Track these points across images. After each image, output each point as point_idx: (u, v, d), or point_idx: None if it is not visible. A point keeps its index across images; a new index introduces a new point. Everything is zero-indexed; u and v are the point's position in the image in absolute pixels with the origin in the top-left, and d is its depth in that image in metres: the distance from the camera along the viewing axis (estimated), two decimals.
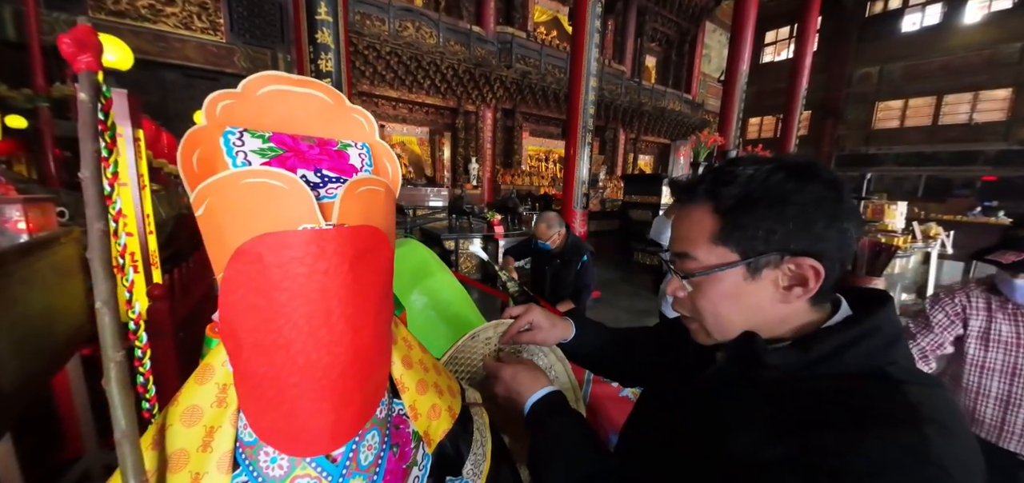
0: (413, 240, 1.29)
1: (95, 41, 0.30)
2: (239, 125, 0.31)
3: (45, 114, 3.02)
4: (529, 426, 0.58)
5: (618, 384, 1.20)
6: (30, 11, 3.16)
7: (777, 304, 0.45)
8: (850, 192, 0.44)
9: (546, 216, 2.44)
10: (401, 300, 1.09)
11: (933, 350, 1.26)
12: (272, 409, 0.32)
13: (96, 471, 1.68)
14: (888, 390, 0.40)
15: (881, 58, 13.20)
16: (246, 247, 0.28)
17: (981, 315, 1.18)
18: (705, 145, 7.59)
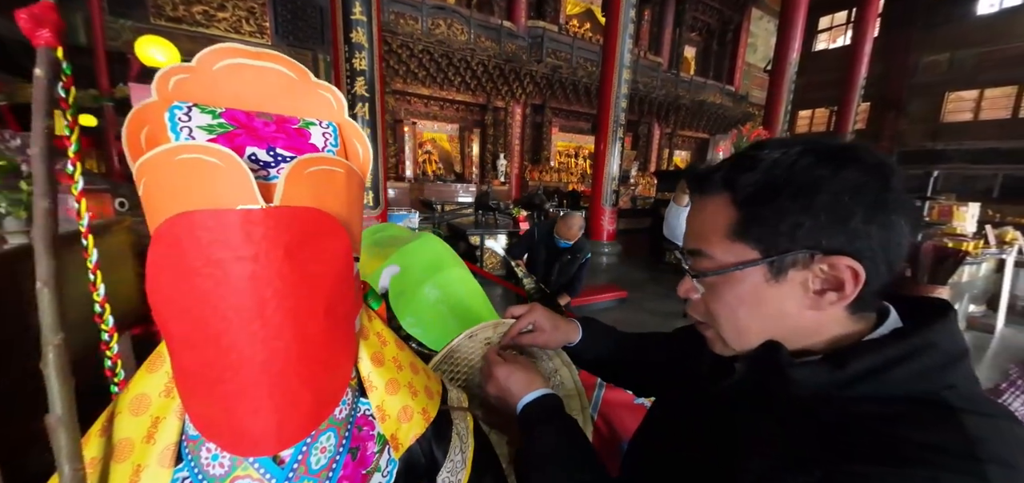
0: (429, 233, 1.29)
1: (54, 18, 0.30)
2: (191, 100, 0.29)
3: (109, 113, 3.33)
4: (520, 427, 0.55)
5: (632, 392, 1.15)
6: (95, 18, 3.47)
7: (806, 311, 0.39)
8: (900, 179, 0.36)
9: (572, 220, 2.50)
10: (414, 292, 1.10)
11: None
12: (207, 405, 0.30)
13: None
14: (942, 419, 0.33)
15: (952, 44, 11.91)
16: (162, 229, 0.26)
17: None
18: (748, 139, 7.20)
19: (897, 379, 0.35)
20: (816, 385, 0.37)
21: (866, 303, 0.39)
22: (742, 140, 7.02)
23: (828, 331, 0.39)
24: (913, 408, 0.34)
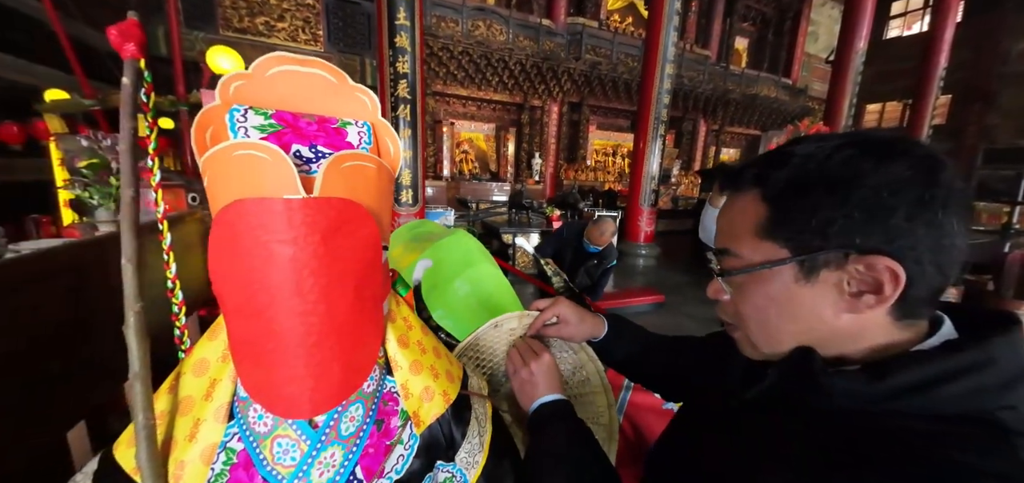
0: (461, 230, 1.33)
1: (139, 34, 0.35)
2: (248, 103, 0.34)
3: (185, 117, 3.69)
4: (529, 428, 0.55)
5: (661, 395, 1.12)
6: (174, 31, 3.87)
7: (843, 314, 0.35)
8: (953, 175, 0.33)
9: (604, 226, 2.47)
10: (446, 286, 1.13)
11: None
12: (254, 370, 0.35)
13: None
14: (994, 441, 0.30)
15: None
16: (221, 215, 0.31)
17: None
18: (805, 135, 6.66)
19: (946, 396, 0.32)
20: (851, 396, 0.34)
21: (913, 309, 0.35)
22: (799, 136, 6.53)
23: (869, 338, 0.36)
24: (960, 427, 0.31)
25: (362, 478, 0.41)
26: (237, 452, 0.39)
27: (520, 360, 0.61)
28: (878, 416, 0.33)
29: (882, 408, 0.33)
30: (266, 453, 0.38)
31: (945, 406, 0.32)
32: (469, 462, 0.49)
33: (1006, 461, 0.28)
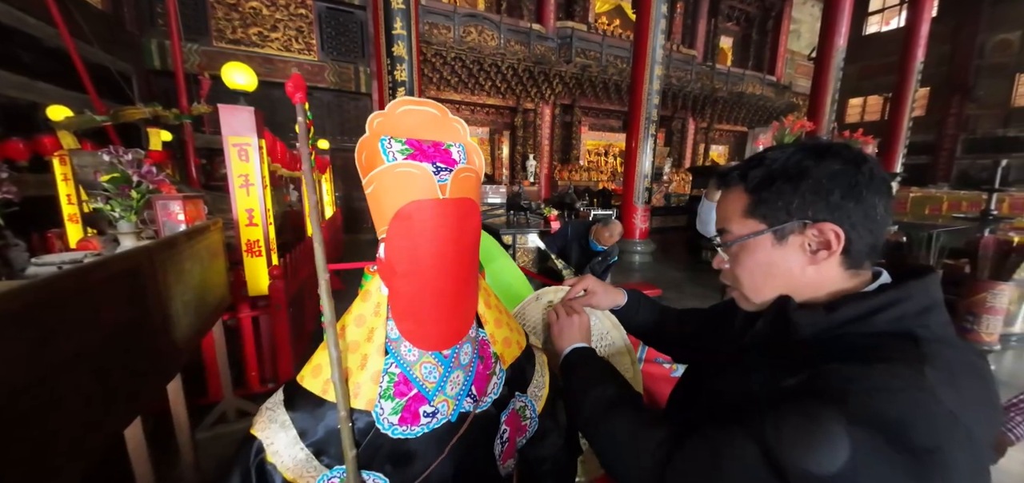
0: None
1: (303, 85, 0.47)
2: (386, 134, 0.47)
3: (188, 129, 3.75)
4: (562, 368, 0.68)
5: (670, 364, 1.23)
6: (175, 47, 3.92)
7: (807, 268, 0.49)
8: (873, 167, 0.47)
9: (614, 227, 2.61)
10: None
11: None
12: (410, 316, 0.50)
13: (231, 413, 2.11)
14: (907, 344, 0.43)
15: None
16: (403, 210, 0.44)
17: None
18: (790, 131, 6.80)
19: (879, 320, 0.45)
20: (814, 325, 0.47)
21: (856, 262, 0.49)
22: (784, 132, 6.69)
23: (828, 286, 0.50)
24: (888, 339, 0.44)
25: (475, 393, 0.56)
26: (396, 375, 0.52)
27: (556, 315, 0.76)
28: (833, 337, 0.46)
29: (836, 332, 0.46)
30: (416, 373, 0.52)
31: (879, 327, 0.45)
32: (536, 394, 0.65)
33: (912, 352, 0.42)
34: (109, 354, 0.92)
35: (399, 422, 0.52)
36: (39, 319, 0.72)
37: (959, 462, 0.36)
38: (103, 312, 0.92)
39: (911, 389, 0.38)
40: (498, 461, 0.60)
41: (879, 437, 0.36)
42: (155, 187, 2.06)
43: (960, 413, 0.38)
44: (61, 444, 0.74)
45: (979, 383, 0.43)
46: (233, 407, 2.11)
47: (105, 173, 1.99)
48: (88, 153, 2.52)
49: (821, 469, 0.36)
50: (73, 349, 0.79)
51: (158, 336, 1.17)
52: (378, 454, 0.52)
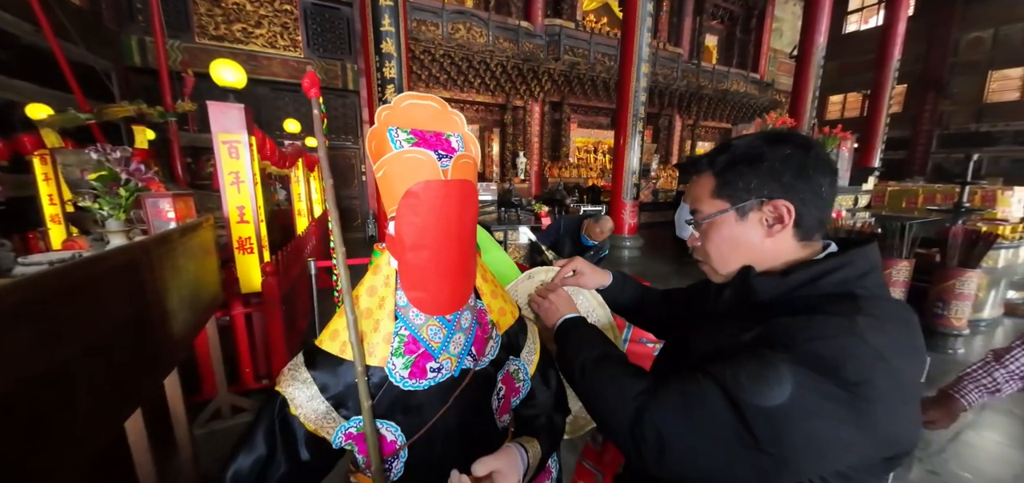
0: None
1: (317, 80, 0.51)
2: (393, 125, 0.51)
3: (173, 127, 3.69)
4: (556, 337, 0.74)
5: (654, 344, 1.30)
6: (159, 45, 3.85)
7: (765, 240, 0.57)
8: (819, 151, 0.55)
9: (605, 223, 2.68)
10: None
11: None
12: (419, 286, 0.55)
13: (226, 409, 2.11)
14: (846, 300, 0.50)
15: (996, 19, 11.20)
16: (412, 190, 0.50)
17: None
18: (772, 127, 6.93)
19: (827, 284, 0.52)
20: (771, 290, 0.55)
21: (807, 234, 0.56)
22: (766, 129, 6.85)
23: (784, 256, 0.58)
24: (832, 298, 0.51)
25: (474, 353, 0.63)
26: (405, 336, 0.59)
27: (541, 295, 0.82)
28: (787, 299, 0.53)
29: (790, 295, 0.54)
30: (423, 334, 0.58)
31: (825, 289, 0.52)
32: (528, 359, 0.72)
33: (850, 306, 0.49)
34: (110, 347, 0.94)
35: (409, 376, 0.58)
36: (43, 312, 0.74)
37: (883, 392, 0.44)
38: (104, 305, 0.94)
39: (843, 334, 0.45)
40: (495, 414, 0.66)
41: (816, 374, 0.43)
42: (144, 185, 2.05)
43: (886, 353, 0.44)
44: (64, 435, 0.76)
45: (906, 330, 0.50)
46: (227, 403, 2.11)
47: (93, 171, 1.97)
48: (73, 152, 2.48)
49: (769, 402, 0.44)
50: (76, 342, 0.81)
51: (156, 330, 1.19)
52: (391, 404, 0.58)
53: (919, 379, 0.51)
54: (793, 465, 0.45)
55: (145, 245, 1.17)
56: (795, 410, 0.43)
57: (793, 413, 0.43)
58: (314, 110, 0.51)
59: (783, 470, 0.46)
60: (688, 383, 0.51)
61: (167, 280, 1.29)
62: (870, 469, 0.49)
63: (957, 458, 2.10)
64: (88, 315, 0.86)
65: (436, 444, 0.60)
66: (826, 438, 0.44)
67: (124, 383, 0.98)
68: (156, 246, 1.23)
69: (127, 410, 1.03)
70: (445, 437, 0.60)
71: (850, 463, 0.47)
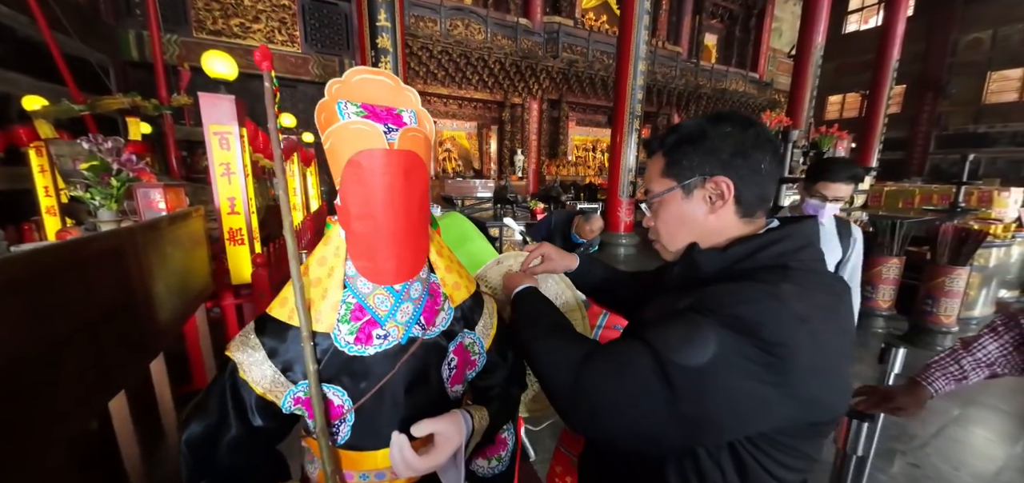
0: (457, 213, 1.50)
1: (270, 55, 0.52)
2: (343, 98, 0.52)
3: (168, 120, 3.69)
4: (512, 306, 0.78)
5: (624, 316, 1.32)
6: (154, 37, 3.85)
7: (709, 217, 0.59)
8: (759, 129, 0.56)
9: (594, 222, 2.69)
10: None
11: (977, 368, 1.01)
12: (366, 255, 0.56)
13: None
14: (777, 270, 0.52)
15: (995, 20, 11.20)
16: (354, 158, 0.50)
17: None
18: (768, 127, 6.87)
19: (764, 257, 0.54)
20: (711, 263, 0.57)
21: (749, 211, 0.58)
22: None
23: (727, 232, 0.59)
24: (767, 269, 0.53)
25: (423, 323, 0.64)
26: (352, 304, 0.60)
27: (507, 275, 0.86)
28: (727, 272, 0.56)
29: (730, 268, 0.56)
30: (370, 302, 0.59)
31: (763, 262, 0.54)
32: (484, 333, 0.73)
33: (779, 275, 0.51)
34: (94, 327, 0.96)
35: (354, 342, 0.60)
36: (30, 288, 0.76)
37: (802, 355, 0.45)
38: (88, 287, 0.95)
39: (766, 298, 0.47)
40: (446, 384, 0.68)
41: (738, 334, 0.45)
42: (135, 175, 2.06)
43: (807, 318, 0.46)
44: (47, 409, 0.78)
45: (833, 301, 0.53)
46: None
47: (85, 161, 1.99)
48: (66, 142, 2.49)
49: (692, 361, 0.46)
50: (60, 320, 0.83)
51: (141, 314, 1.21)
52: (337, 369, 0.59)
53: (844, 349, 0.52)
54: (716, 423, 0.47)
55: (131, 231, 1.19)
56: (716, 369, 0.45)
57: (714, 371, 0.45)
58: (265, 83, 0.52)
59: (707, 428, 0.48)
60: (622, 348, 0.53)
61: (153, 267, 1.31)
62: (797, 434, 0.51)
63: (939, 452, 2.12)
64: (72, 295, 0.88)
65: (383, 409, 0.61)
66: (746, 397, 0.46)
67: (108, 362, 1.00)
68: (143, 233, 1.25)
69: (111, 390, 1.05)
70: (392, 402, 0.62)
71: (774, 425, 0.49)
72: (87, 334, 0.90)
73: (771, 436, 0.50)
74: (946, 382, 1.03)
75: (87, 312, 0.91)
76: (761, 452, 0.51)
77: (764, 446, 0.51)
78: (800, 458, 0.53)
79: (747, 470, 0.52)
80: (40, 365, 0.75)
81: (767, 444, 0.51)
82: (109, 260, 1.04)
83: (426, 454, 0.57)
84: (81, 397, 0.87)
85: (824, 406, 0.49)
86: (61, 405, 0.80)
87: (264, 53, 0.51)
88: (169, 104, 3.68)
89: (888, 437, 2.17)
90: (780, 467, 0.52)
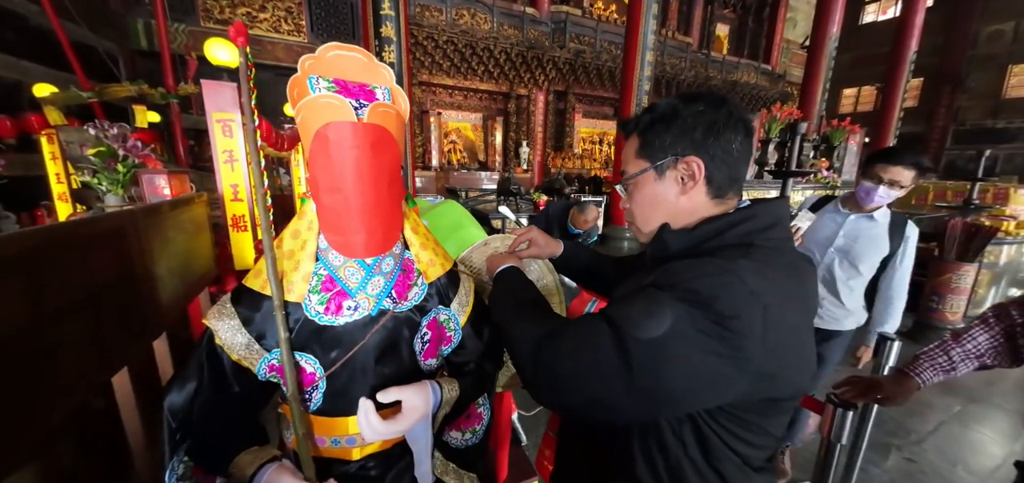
0: (451, 201, 1.51)
1: (245, 31, 0.53)
2: (315, 73, 0.53)
3: (175, 108, 3.75)
4: (494, 282, 0.79)
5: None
6: (160, 25, 3.89)
7: (681, 198, 0.59)
8: (731, 108, 0.56)
9: (588, 213, 2.69)
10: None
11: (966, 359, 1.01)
12: (335, 229, 0.57)
13: None
14: (740, 248, 0.52)
15: (1018, 12, 10.80)
16: (321, 130, 0.51)
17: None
18: (778, 119, 6.68)
19: (729, 235, 0.54)
20: (679, 242, 0.57)
21: (720, 191, 0.58)
22: (773, 121, 6.67)
23: (699, 212, 0.59)
24: (729, 247, 0.53)
25: (395, 296, 0.66)
26: (323, 275, 0.62)
27: (491, 256, 0.87)
28: (694, 251, 0.55)
29: (697, 247, 0.56)
30: (341, 274, 0.61)
31: (729, 240, 0.54)
32: (460, 310, 0.75)
33: (739, 253, 0.51)
34: (94, 304, 0.99)
35: (325, 311, 0.62)
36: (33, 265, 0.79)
37: (756, 328, 0.46)
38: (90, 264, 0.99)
39: (721, 273, 0.47)
40: (419, 357, 0.70)
41: (693, 307, 0.46)
42: (140, 161, 2.11)
43: (762, 292, 0.47)
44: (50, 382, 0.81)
45: (796, 278, 0.53)
46: None
47: (91, 147, 2.03)
48: (75, 129, 2.55)
49: (649, 334, 0.46)
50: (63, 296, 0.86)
51: (142, 294, 1.24)
52: (308, 337, 0.62)
53: (804, 326, 0.52)
54: (671, 395, 0.48)
55: (132, 213, 1.22)
56: (670, 341, 0.45)
57: (668, 344, 0.45)
58: (240, 59, 0.53)
59: (662, 400, 0.48)
60: (585, 323, 0.54)
61: (155, 249, 1.34)
62: (756, 409, 0.52)
63: (937, 448, 2.10)
64: (72, 272, 0.91)
65: (354, 378, 0.64)
66: (700, 370, 0.46)
67: (109, 339, 1.03)
68: (144, 216, 1.28)
69: (113, 366, 1.09)
70: (363, 371, 0.64)
71: (730, 399, 0.49)
72: (88, 310, 0.93)
73: (730, 411, 0.51)
74: (934, 373, 1.02)
75: (87, 289, 0.95)
76: (721, 427, 0.52)
77: (724, 421, 0.52)
78: (761, 434, 0.54)
79: (709, 444, 0.53)
80: (42, 338, 0.78)
81: (727, 418, 0.51)
82: (110, 240, 1.07)
83: (392, 420, 0.60)
84: (82, 371, 0.91)
85: (781, 382, 0.50)
86: (63, 378, 0.83)
87: (239, 29, 0.52)
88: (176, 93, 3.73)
89: (884, 432, 2.16)
90: (741, 442, 0.53)
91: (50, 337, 0.80)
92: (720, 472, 0.54)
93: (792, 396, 0.53)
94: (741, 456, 0.54)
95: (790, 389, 0.52)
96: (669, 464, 0.55)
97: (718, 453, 0.53)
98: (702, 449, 0.53)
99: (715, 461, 0.53)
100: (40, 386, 0.77)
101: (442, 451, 0.78)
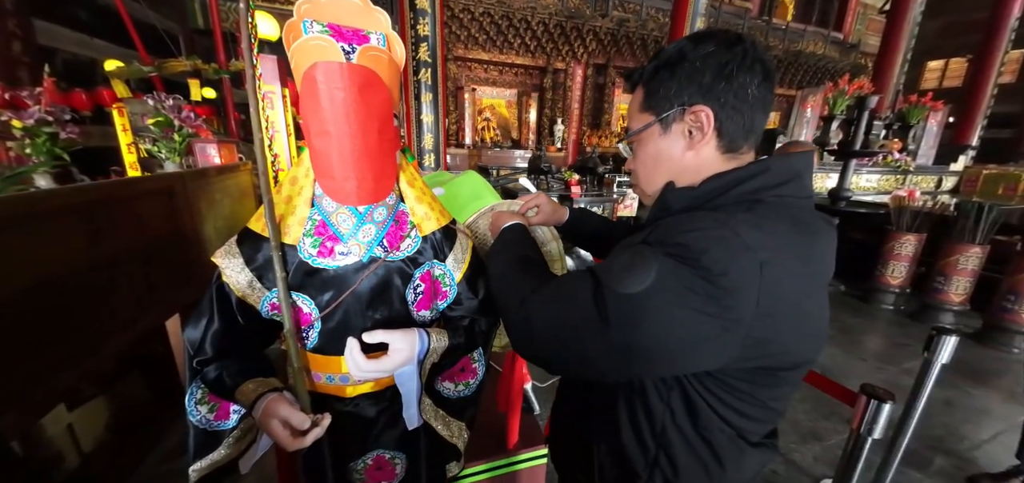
0: (472, 172, 1.52)
1: None
2: (311, 18, 0.54)
3: (227, 84, 4.00)
4: (496, 238, 0.77)
5: None
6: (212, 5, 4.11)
7: (687, 153, 0.53)
8: (747, 47, 0.48)
9: None
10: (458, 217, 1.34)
11: None
12: (326, 173, 0.59)
13: None
14: (743, 204, 0.47)
15: None
16: (308, 71, 0.52)
17: None
18: (845, 94, 5.92)
19: (736, 193, 0.49)
20: (682, 200, 0.53)
21: (732, 144, 0.51)
22: (840, 96, 5.93)
23: (707, 169, 0.53)
24: (738, 204, 0.48)
25: (387, 246, 0.68)
26: (317, 220, 0.66)
27: (495, 215, 0.85)
28: (698, 207, 0.51)
29: (701, 204, 0.51)
30: (333, 220, 0.65)
31: (734, 197, 0.49)
32: (455, 266, 0.76)
33: (746, 208, 0.46)
34: (150, 254, 1.11)
35: (317, 254, 0.65)
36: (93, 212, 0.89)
37: (748, 287, 0.41)
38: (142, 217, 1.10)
39: (714, 227, 0.43)
40: (411, 307, 0.72)
41: (678, 261, 0.42)
42: (194, 131, 2.28)
43: (758, 248, 0.41)
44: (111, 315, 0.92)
45: (804, 237, 0.46)
46: None
47: (151, 117, 2.23)
48: (138, 101, 2.79)
49: (629, 289, 0.43)
50: (122, 244, 0.97)
51: (191, 248, 1.37)
52: (302, 278, 0.66)
53: (811, 291, 0.46)
54: (648, 353, 0.44)
55: (181, 176, 1.33)
56: (651, 294, 0.42)
57: (649, 297, 0.42)
58: (240, 4, 0.53)
59: (638, 357, 0.44)
60: (570, 278, 0.51)
61: (202, 210, 1.47)
62: (749, 378, 0.47)
63: (989, 456, 1.91)
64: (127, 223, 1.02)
65: (347, 319, 0.67)
66: (682, 328, 0.42)
67: (160, 285, 1.15)
68: (192, 179, 1.40)
69: (165, 312, 1.22)
70: (355, 314, 0.67)
71: (717, 364, 0.45)
72: (139, 259, 1.04)
73: (720, 377, 0.47)
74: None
75: (139, 239, 1.06)
76: (711, 394, 0.49)
77: (714, 388, 0.48)
78: (756, 406, 0.50)
79: (697, 412, 0.50)
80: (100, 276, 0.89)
81: (717, 386, 0.48)
82: (160, 198, 1.18)
83: (377, 360, 0.63)
84: (138, 309, 1.03)
85: (777, 349, 0.45)
86: (120, 313, 0.95)
87: None
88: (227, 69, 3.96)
89: (932, 436, 1.99)
90: (734, 413, 0.49)
91: (106, 277, 0.90)
92: (711, 443, 0.51)
93: (791, 367, 0.48)
94: (734, 427, 0.50)
95: (788, 358, 0.47)
96: (655, 431, 0.53)
97: (708, 423, 0.50)
98: (691, 417, 0.50)
99: (704, 431, 0.50)
100: (99, 318, 0.88)
101: (434, 399, 0.81)
